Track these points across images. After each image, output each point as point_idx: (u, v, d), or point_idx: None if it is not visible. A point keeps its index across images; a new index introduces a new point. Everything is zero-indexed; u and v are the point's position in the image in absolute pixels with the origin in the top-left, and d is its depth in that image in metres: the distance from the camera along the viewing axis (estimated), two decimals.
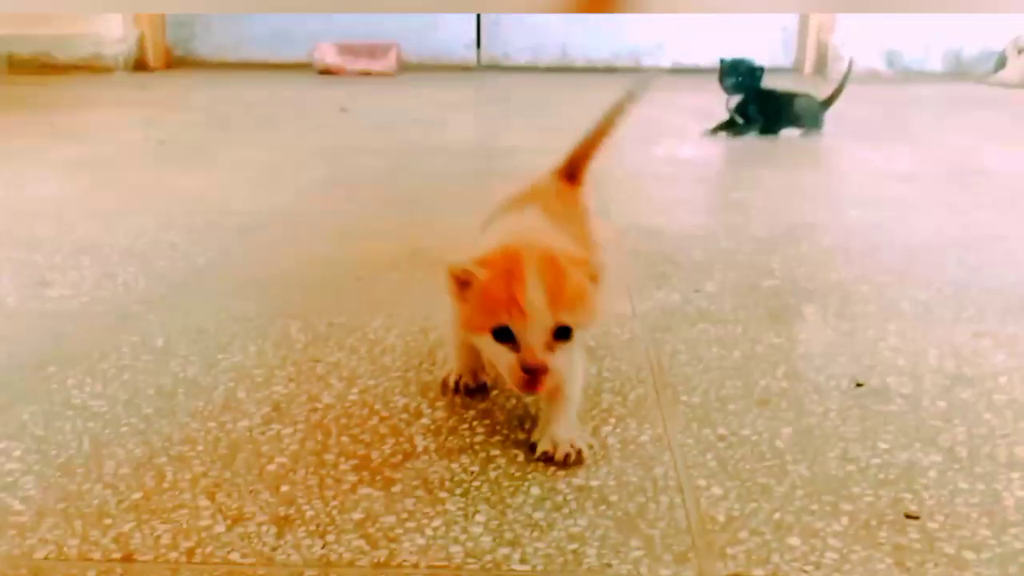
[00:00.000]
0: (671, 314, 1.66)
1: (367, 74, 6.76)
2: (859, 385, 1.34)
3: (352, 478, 1.08)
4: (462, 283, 1.08)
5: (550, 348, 1.03)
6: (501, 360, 1.06)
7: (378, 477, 1.08)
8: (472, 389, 1.30)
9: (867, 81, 6.27)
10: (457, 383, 1.31)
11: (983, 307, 1.69)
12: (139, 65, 7.03)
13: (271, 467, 1.11)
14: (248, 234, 2.20)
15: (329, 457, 1.13)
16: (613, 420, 1.24)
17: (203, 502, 1.03)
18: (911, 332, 1.56)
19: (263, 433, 1.19)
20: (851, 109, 4.16)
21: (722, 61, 3.90)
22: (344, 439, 1.18)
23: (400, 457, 1.13)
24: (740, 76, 3.80)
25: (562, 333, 1.04)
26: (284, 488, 1.06)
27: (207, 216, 2.37)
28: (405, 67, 7.08)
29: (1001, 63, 6.61)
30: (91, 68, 6.74)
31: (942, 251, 2.07)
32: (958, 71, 6.85)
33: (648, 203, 2.58)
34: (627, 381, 1.36)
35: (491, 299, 1.04)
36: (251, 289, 1.78)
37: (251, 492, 1.05)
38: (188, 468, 1.10)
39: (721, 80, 3.85)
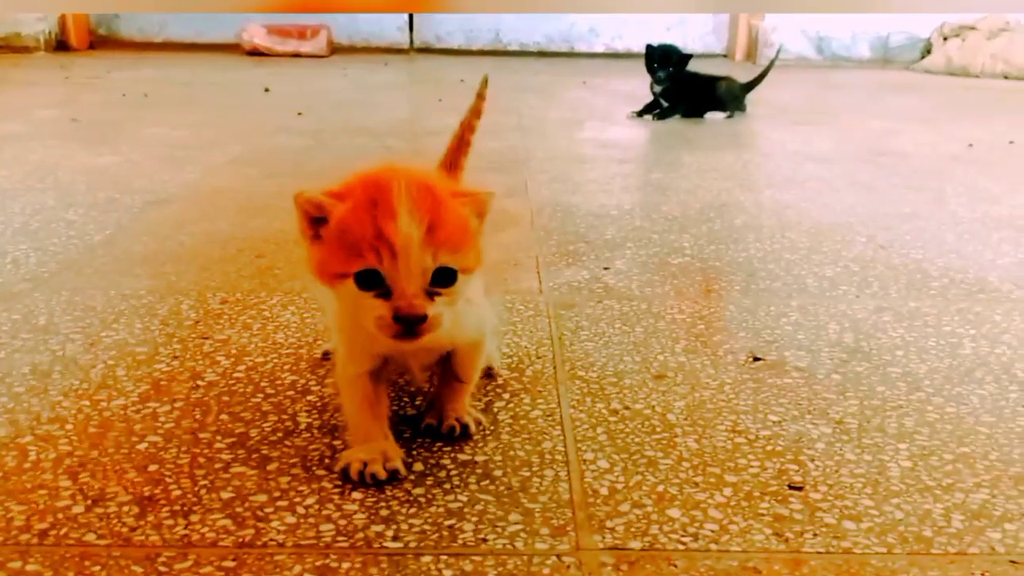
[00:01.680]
0: (578, 291, 1.64)
1: (297, 55, 6.65)
2: (756, 359, 1.34)
3: (226, 456, 1.04)
4: (315, 220, 0.91)
5: (428, 295, 0.88)
6: (367, 312, 0.89)
7: (254, 455, 1.04)
8: (382, 480, 0.98)
9: (796, 66, 6.34)
10: (362, 472, 0.98)
11: (887, 283, 1.70)
12: (61, 45, 6.84)
13: (141, 446, 1.06)
14: (149, 211, 2.13)
15: (205, 436, 1.08)
16: (507, 395, 1.21)
17: (64, 482, 0.98)
18: (813, 307, 1.56)
19: (138, 412, 1.14)
20: (777, 93, 4.19)
21: (648, 47, 3.91)
22: (223, 417, 1.13)
23: (280, 435, 1.09)
24: (672, 67, 3.82)
25: (443, 277, 0.89)
26: (152, 468, 1.01)
27: (109, 193, 2.28)
28: (336, 49, 6.97)
29: (927, 50, 6.74)
30: (10, 48, 6.53)
31: (852, 229, 2.08)
32: (885, 58, 6.97)
33: (567, 183, 2.56)
34: (526, 357, 1.34)
35: (352, 235, 0.87)
36: (146, 267, 1.71)
37: (117, 472, 1.00)
38: (53, 448, 1.05)
39: (648, 67, 3.87)
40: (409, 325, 0.88)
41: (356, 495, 0.96)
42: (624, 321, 1.49)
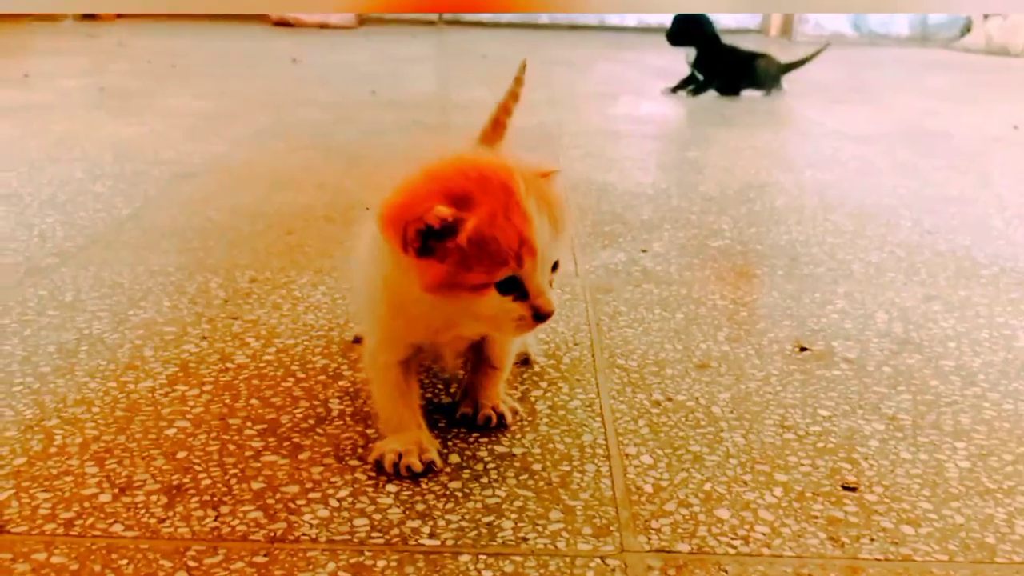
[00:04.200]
0: (615, 274, 1.59)
1: (324, 27, 6.59)
2: (803, 349, 1.29)
3: (257, 444, 1.00)
4: (433, 233, 0.83)
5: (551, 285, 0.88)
6: (506, 315, 0.86)
7: (285, 443, 1.01)
8: (418, 473, 0.94)
9: (833, 44, 6.21)
10: (397, 464, 0.94)
11: (935, 270, 1.64)
12: (88, 14, 6.81)
13: (170, 431, 1.02)
14: (177, 184, 2.10)
15: (235, 422, 1.05)
16: (544, 384, 1.17)
17: (91, 469, 0.95)
18: (860, 295, 1.51)
19: (166, 395, 1.11)
20: (814, 71, 4.09)
21: (675, 17, 3.83)
22: (253, 402, 1.10)
23: (312, 422, 1.05)
24: (684, 23, 3.72)
25: (554, 266, 0.89)
26: (181, 455, 0.98)
27: (137, 165, 2.25)
28: (364, 20, 6.91)
29: (967, 28, 6.58)
30: (39, 16, 6.51)
31: (896, 212, 2.02)
32: (924, 36, 6.82)
33: (601, 160, 2.50)
34: (563, 344, 1.29)
35: (494, 245, 0.82)
36: (173, 242, 1.68)
37: (145, 458, 0.97)
38: (80, 432, 1.02)
39: (668, 35, 3.79)
40: (545, 320, 0.87)
41: (391, 488, 0.93)
42: (664, 307, 1.44)
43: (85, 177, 2.14)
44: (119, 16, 6.91)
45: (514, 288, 0.86)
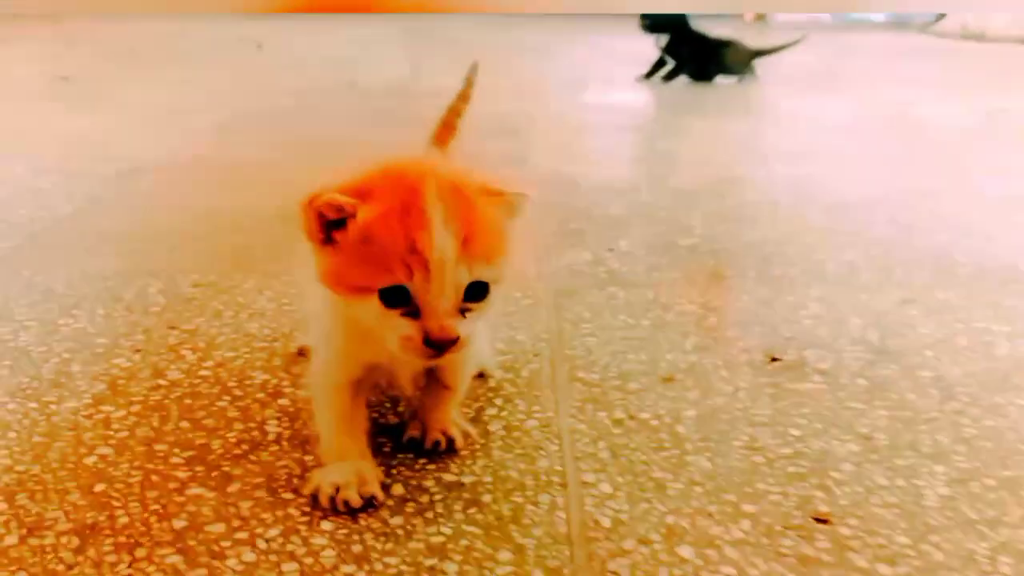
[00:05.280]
0: (580, 275, 1.52)
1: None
2: (774, 359, 1.22)
3: (183, 474, 0.92)
4: (328, 223, 0.78)
5: (459, 312, 0.78)
6: (391, 332, 0.78)
7: (214, 473, 0.93)
8: (356, 508, 0.86)
9: (808, 29, 6.15)
10: (333, 498, 0.87)
11: (911, 270, 1.58)
12: None
13: (90, 460, 0.94)
14: (124, 181, 2.00)
15: (161, 448, 0.97)
16: (500, 401, 1.09)
17: (0, 505, 0.87)
18: (834, 298, 1.44)
19: (90, 417, 1.03)
20: (789, 57, 4.03)
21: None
22: (184, 424, 1.02)
23: (246, 447, 0.98)
24: (658, 16, 3.68)
25: (476, 292, 0.78)
26: (99, 487, 0.90)
27: (84, 161, 2.16)
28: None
29: (941, 14, 6.55)
30: None
31: (871, 207, 1.96)
32: (899, 21, 6.78)
33: (569, 152, 2.43)
34: (522, 354, 1.22)
35: (379, 246, 0.75)
36: (114, 244, 1.59)
37: (59, 492, 0.89)
38: None
39: (641, 19, 3.73)
40: (441, 348, 0.77)
41: (326, 525, 0.85)
42: (629, 312, 1.37)
43: (27, 173, 2.04)
44: None
45: (402, 302, 0.77)
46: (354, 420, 0.93)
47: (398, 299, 0.77)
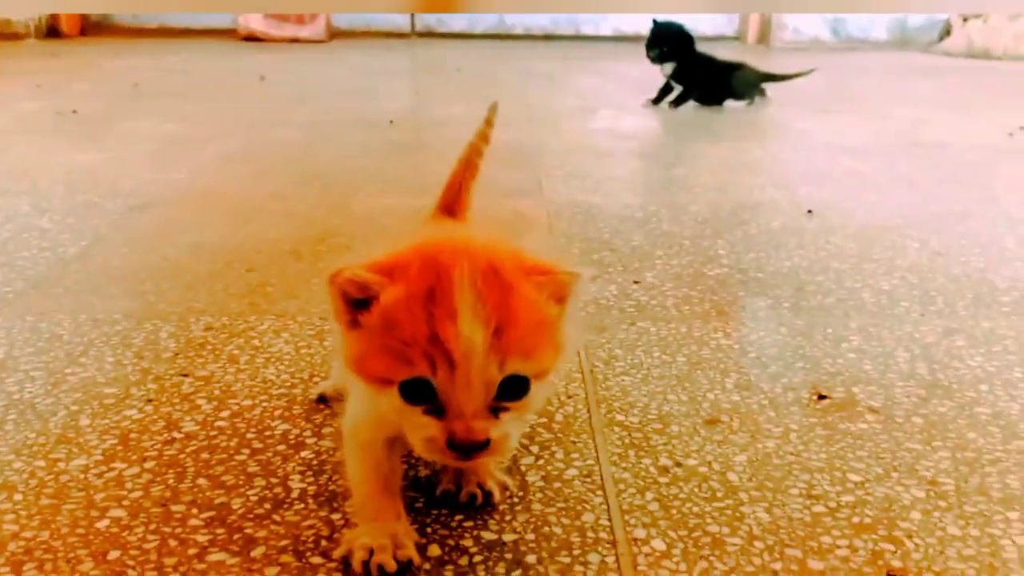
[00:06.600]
0: (607, 310, 1.46)
1: (295, 41, 6.45)
2: (821, 397, 1.15)
3: (203, 538, 0.86)
4: (354, 300, 0.71)
5: (492, 413, 0.70)
6: (414, 430, 0.71)
7: (236, 536, 0.86)
8: (392, 573, 0.79)
9: (812, 49, 6.15)
10: (367, 563, 0.80)
11: (952, 298, 1.51)
12: (52, 32, 6.65)
13: (102, 524, 0.88)
14: (132, 218, 1.95)
15: (178, 509, 0.90)
16: (536, 449, 1.03)
17: None
18: (875, 329, 1.38)
19: (101, 475, 0.96)
20: (797, 79, 3.98)
21: (654, 22, 3.72)
22: (201, 482, 0.95)
23: (269, 506, 0.91)
24: (666, 46, 3.64)
25: (512, 388, 0.70)
26: (113, 555, 0.83)
27: (90, 197, 2.10)
28: (335, 33, 6.78)
29: (946, 32, 6.52)
30: (1, 35, 6.33)
31: (901, 232, 1.90)
32: (903, 40, 6.76)
33: (585, 181, 2.37)
34: (555, 397, 1.15)
35: (400, 334, 0.68)
36: (123, 284, 1.53)
37: (70, 561, 0.82)
38: None
39: (647, 49, 3.69)
40: (467, 452, 0.69)
41: None
42: (663, 348, 1.30)
43: (31, 211, 1.98)
44: (82, 34, 6.75)
45: (425, 398, 0.69)
46: (389, 477, 0.86)
47: (421, 394, 0.69)
